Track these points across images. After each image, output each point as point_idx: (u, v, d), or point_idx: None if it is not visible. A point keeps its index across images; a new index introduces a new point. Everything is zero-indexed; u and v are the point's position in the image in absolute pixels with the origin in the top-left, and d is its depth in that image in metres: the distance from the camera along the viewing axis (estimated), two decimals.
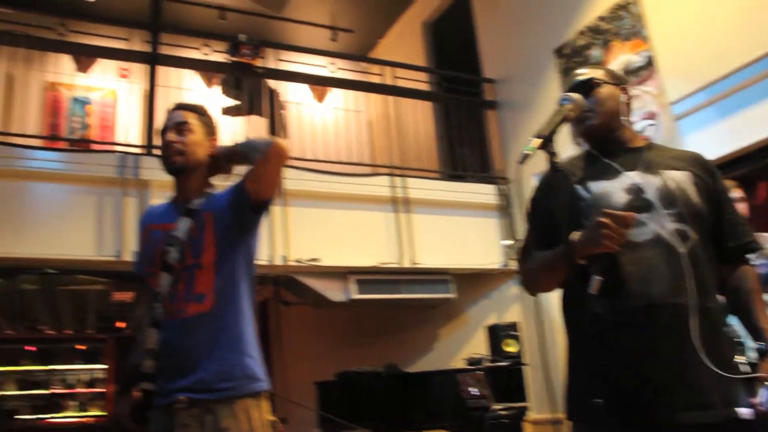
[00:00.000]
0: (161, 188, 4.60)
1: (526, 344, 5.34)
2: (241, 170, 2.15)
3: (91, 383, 11.95)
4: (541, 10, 5.87)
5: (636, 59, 4.81)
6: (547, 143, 1.68)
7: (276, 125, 5.82)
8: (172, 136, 2.14)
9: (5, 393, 11.39)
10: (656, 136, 4.56)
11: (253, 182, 2.07)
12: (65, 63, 5.86)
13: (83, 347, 12.05)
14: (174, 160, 2.13)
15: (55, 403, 11.61)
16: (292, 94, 6.39)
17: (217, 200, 2.14)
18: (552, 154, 1.70)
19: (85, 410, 11.72)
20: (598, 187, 1.83)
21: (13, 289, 5.89)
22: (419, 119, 5.94)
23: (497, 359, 5.09)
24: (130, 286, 6.07)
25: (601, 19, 5.14)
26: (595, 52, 5.18)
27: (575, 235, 1.68)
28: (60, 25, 4.97)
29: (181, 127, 2.15)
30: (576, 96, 1.87)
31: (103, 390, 11.91)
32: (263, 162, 2.05)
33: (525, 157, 1.66)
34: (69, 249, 4.52)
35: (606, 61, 5.05)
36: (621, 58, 4.94)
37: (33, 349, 11.71)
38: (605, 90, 1.95)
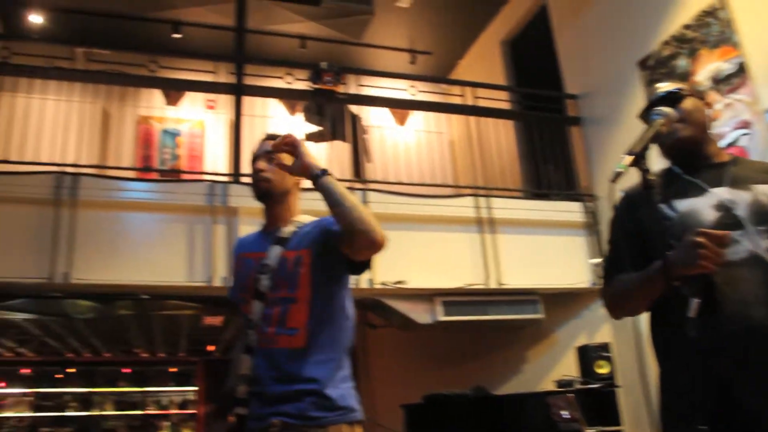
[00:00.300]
0: (249, 215, 4.71)
1: (618, 365, 5.16)
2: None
3: (183, 404, 12.30)
4: (622, 22, 5.72)
5: (726, 66, 4.61)
6: (639, 160, 1.63)
7: (359, 150, 5.88)
8: (261, 164, 2.20)
9: (104, 413, 11.86)
10: (751, 146, 4.35)
11: (348, 251, 2.05)
12: (156, 97, 6.11)
13: (175, 370, 12.43)
14: (262, 186, 2.19)
15: (149, 424, 12.01)
16: (373, 118, 6.45)
17: (313, 236, 2.15)
18: (645, 171, 1.64)
19: (177, 431, 12.07)
20: (684, 205, 1.77)
21: (110, 314, 6.13)
22: (501, 138, 5.87)
23: (588, 381, 4.93)
24: (220, 311, 6.21)
25: (687, 27, 4.96)
26: (681, 62, 5.00)
27: (669, 256, 1.61)
28: (151, 62, 5.19)
29: (270, 156, 2.21)
30: (667, 110, 1.81)
31: (194, 411, 12.24)
32: (361, 248, 2.02)
33: (617, 175, 1.61)
34: (162, 275, 4.66)
35: (693, 71, 4.87)
36: (709, 66, 4.74)
37: (128, 371, 12.18)
38: (691, 102, 1.90)
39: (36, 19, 7.50)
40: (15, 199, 4.52)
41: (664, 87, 1.94)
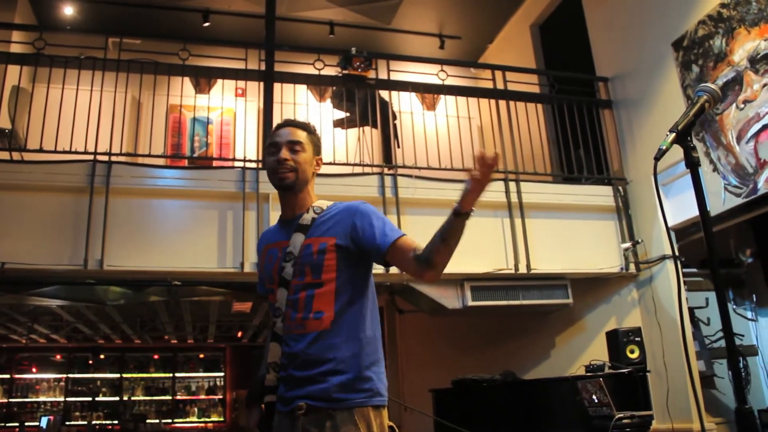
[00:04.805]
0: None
1: (649, 350, 5.11)
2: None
3: (211, 390, 12.47)
4: (656, 2, 5.62)
5: (765, 45, 4.50)
6: (683, 137, 1.60)
7: (389, 135, 5.86)
8: (285, 153, 2.17)
9: (135, 398, 12.07)
10: None
11: (394, 265, 2.10)
12: (186, 86, 6.13)
13: (203, 356, 12.61)
14: (286, 176, 2.16)
15: (178, 409, 12.20)
16: (403, 103, 6.42)
17: (342, 228, 2.12)
18: (689, 148, 1.62)
19: (205, 416, 12.25)
20: None
21: (141, 301, 6.18)
22: (532, 122, 5.81)
23: (618, 366, 4.89)
24: (249, 297, 6.24)
25: (724, 6, 4.85)
26: (717, 42, 4.89)
27: None
28: (182, 51, 5.21)
29: (293, 146, 2.19)
30: (712, 86, 1.77)
31: (222, 396, 12.40)
32: (415, 276, 2.07)
33: (661, 153, 1.59)
34: (193, 262, 4.70)
35: (730, 50, 4.77)
36: (746, 45, 4.65)
37: (158, 357, 12.37)
38: None
39: (68, 10, 7.58)
40: (50, 188, 4.59)
41: None
